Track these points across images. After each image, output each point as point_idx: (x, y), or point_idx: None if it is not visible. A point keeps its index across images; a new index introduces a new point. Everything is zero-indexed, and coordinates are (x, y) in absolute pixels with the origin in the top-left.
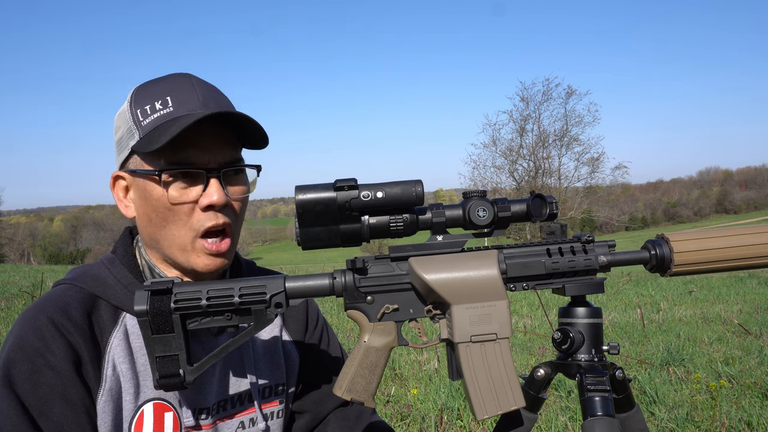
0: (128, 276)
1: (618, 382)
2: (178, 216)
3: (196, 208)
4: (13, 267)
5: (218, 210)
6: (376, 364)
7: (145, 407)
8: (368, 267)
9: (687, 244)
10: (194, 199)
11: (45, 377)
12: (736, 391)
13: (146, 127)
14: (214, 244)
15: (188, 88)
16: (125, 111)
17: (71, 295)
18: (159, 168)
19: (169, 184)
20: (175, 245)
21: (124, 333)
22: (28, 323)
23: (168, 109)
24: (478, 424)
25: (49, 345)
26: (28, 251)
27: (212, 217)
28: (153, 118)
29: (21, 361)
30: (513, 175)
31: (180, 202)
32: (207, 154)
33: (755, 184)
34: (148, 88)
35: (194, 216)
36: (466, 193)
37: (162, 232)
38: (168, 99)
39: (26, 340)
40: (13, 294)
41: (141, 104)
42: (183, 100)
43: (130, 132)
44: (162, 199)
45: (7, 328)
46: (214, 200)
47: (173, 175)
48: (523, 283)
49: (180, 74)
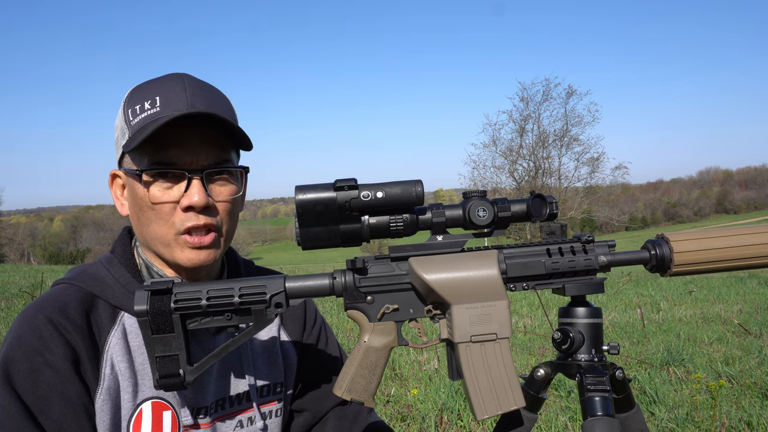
0: (126, 275)
1: (618, 382)
2: (159, 215)
3: (178, 207)
4: (13, 267)
5: (199, 211)
6: (376, 364)
7: (144, 406)
8: (368, 267)
9: (687, 244)
10: (176, 198)
11: (44, 376)
12: (736, 391)
13: (134, 126)
14: (197, 237)
15: (178, 88)
16: (121, 111)
17: (70, 295)
18: (141, 167)
19: (150, 184)
20: (158, 242)
21: (123, 332)
22: (27, 322)
23: (155, 109)
24: (478, 424)
25: (48, 344)
26: (28, 251)
27: (193, 217)
28: (141, 117)
29: (20, 359)
30: (513, 175)
31: (161, 202)
32: (190, 155)
33: (755, 184)
34: (142, 88)
35: (176, 215)
36: (466, 193)
37: (147, 230)
38: (156, 99)
39: (25, 339)
40: (13, 294)
41: (132, 104)
42: (170, 99)
43: (122, 131)
44: (144, 198)
45: (7, 328)
46: (194, 201)
47: (154, 175)
48: (523, 283)
49: (175, 74)
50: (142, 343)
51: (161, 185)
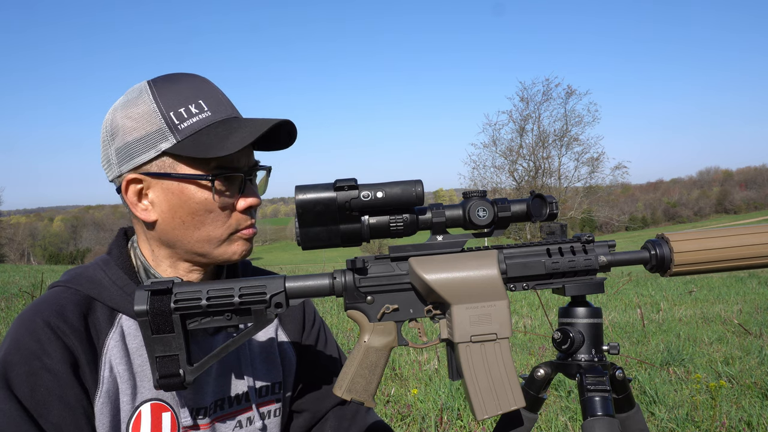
0: (123, 277)
1: (618, 382)
2: (217, 217)
3: (235, 209)
4: (13, 267)
5: (253, 210)
6: (376, 364)
7: (143, 408)
8: (368, 267)
9: (687, 244)
10: (233, 200)
11: (42, 380)
12: (736, 391)
13: (185, 130)
14: (248, 230)
15: (213, 91)
16: (149, 112)
17: (66, 297)
18: (208, 172)
19: (217, 188)
20: (209, 243)
21: (121, 334)
22: (24, 326)
23: (206, 114)
24: (478, 424)
25: (46, 348)
26: (28, 251)
27: (248, 217)
28: (192, 121)
29: (18, 363)
30: (513, 175)
31: (223, 205)
32: (244, 158)
33: (755, 184)
34: (170, 89)
35: (233, 217)
36: (466, 193)
37: (195, 233)
38: (201, 103)
39: (23, 343)
40: (13, 294)
41: (172, 107)
42: (215, 104)
43: (161, 134)
44: (205, 202)
45: (6, 328)
46: (254, 202)
47: (221, 179)
48: (523, 283)
49: (195, 75)
50: (141, 345)
51: (222, 189)
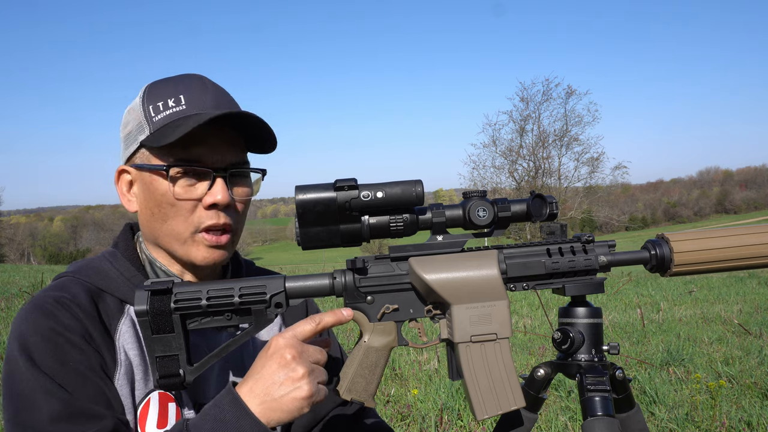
0: (131, 269)
1: (618, 382)
2: (180, 212)
3: (200, 205)
4: (13, 267)
5: (221, 209)
6: (376, 364)
7: (152, 395)
8: (368, 267)
9: (687, 244)
10: (199, 196)
11: (70, 355)
12: (736, 391)
13: (157, 123)
14: (214, 237)
15: (201, 88)
16: (137, 106)
17: (76, 286)
18: (168, 163)
19: (176, 180)
20: (174, 239)
21: (132, 322)
22: (38, 308)
23: (180, 107)
24: (478, 424)
25: (65, 322)
26: (28, 251)
27: (214, 215)
28: (165, 114)
29: (40, 342)
30: (513, 175)
31: (184, 198)
32: (215, 154)
33: (755, 184)
34: (161, 86)
35: (196, 213)
36: (466, 193)
37: (162, 226)
38: (181, 97)
39: (40, 324)
40: (13, 294)
41: (153, 101)
42: (195, 99)
43: (140, 127)
44: (167, 195)
45: (6, 328)
46: (218, 199)
47: (181, 172)
48: (523, 283)
49: (193, 75)
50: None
51: (185, 182)
